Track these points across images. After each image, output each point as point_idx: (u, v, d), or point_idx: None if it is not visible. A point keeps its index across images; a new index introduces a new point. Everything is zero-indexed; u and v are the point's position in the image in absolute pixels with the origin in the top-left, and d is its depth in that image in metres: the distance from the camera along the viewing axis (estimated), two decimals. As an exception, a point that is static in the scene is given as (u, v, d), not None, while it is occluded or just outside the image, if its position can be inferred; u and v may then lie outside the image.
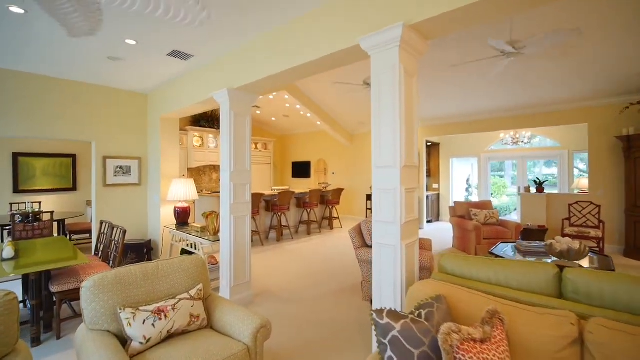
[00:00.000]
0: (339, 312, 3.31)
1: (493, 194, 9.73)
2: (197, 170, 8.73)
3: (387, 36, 1.98)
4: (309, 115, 8.08)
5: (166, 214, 4.97)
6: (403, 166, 1.99)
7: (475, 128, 7.38)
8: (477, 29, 3.88)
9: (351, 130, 9.45)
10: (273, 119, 9.69)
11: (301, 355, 2.54)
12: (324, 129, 9.06)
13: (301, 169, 10.89)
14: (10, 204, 6.02)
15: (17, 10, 2.62)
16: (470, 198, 9.73)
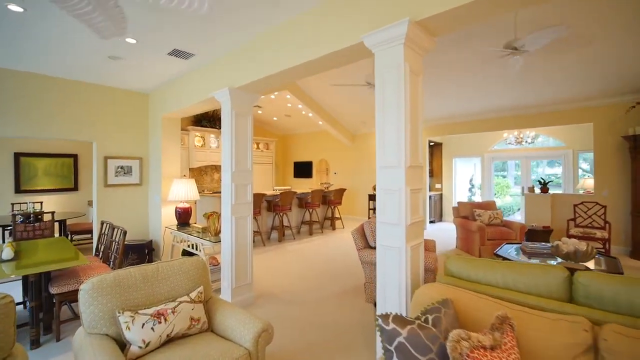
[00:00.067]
0: (342, 314, 3.26)
1: (496, 194, 9.65)
2: (198, 170, 8.70)
3: (392, 33, 1.93)
4: (310, 115, 8.04)
5: (167, 214, 4.93)
6: (408, 166, 1.94)
7: (479, 128, 7.31)
8: (481, 28, 3.83)
9: (353, 130, 9.39)
10: (275, 118, 9.65)
11: (303, 358, 2.50)
12: (325, 128, 9.02)
13: (303, 169, 10.84)
14: (12, 204, 6.00)
15: (15, 9, 2.59)
16: (473, 198, 9.66)
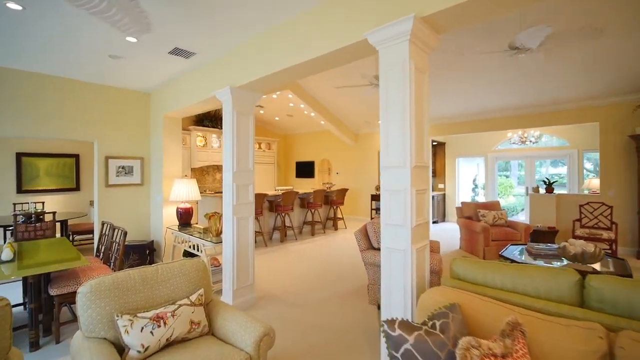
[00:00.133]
0: (345, 316, 3.21)
1: (499, 194, 9.57)
2: (200, 170, 8.68)
3: (397, 29, 1.88)
4: (312, 114, 7.99)
5: (168, 214, 4.90)
6: (414, 166, 1.89)
7: (483, 127, 7.25)
8: (485, 26, 3.78)
9: (355, 129, 9.34)
10: (277, 118, 9.61)
11: (306, 362, 2.45)
12: (328, 128, 8.96)
13: (305, 169, 10.79)
14: (14, 204, 5.99)
15: (14, 7, 2.56)
16: (477, 198, 9.58)
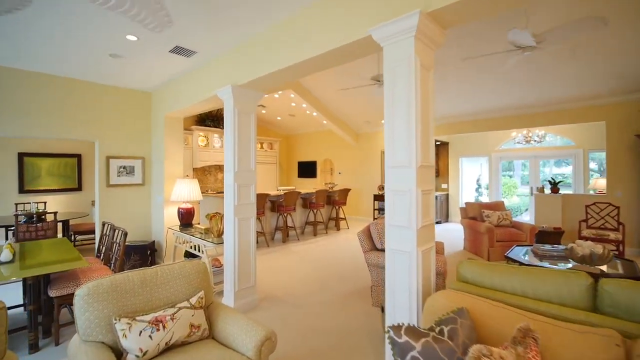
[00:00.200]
0: (347, 318, 3.16)
1: (503, 195, 9.48)
2: (202, 170, 8.65)
3: (402, 25, 1.83)
4: (315, 114, 7.95)
5: (170, 214, 4.86)
6: (419, 166, 1.83)
7: (486, 126, 7.17)
8: (489, 24, 3.71)
9: (357, 129, 9.28)
10: (278, 118, 9.57)
11: (308, 366, 2.40)
12: (330, 128, 8.91)
13: (307, 169, 10.74)
14: (16, 204, 5.98)
15: (13, 5, 2.53)
16: (480, 198, 9.49)
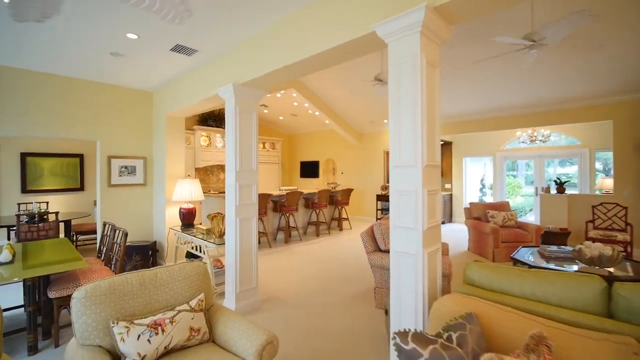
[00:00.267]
0: (351, 320, 3.11)
1: (507, 195, 9.38)
2: (204, 170, 8.63)
3: (408, 20, 1.78)
4: (317, 113, 7.90)
5: (171, 215, 4.83)
6: (425, 165, 1.78)
7: (491, 126, 7.08)
8: (494, 22, 3.64)
9: (360, 129, 9.22)
10: (281, 118, 9.53)
11: (311, 369, 2.36)
12: (332, 127, 8.86)
13: (309, 169, 10.70)
14: (18, 204, 5.98)
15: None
16: (484, 199, 9.40)
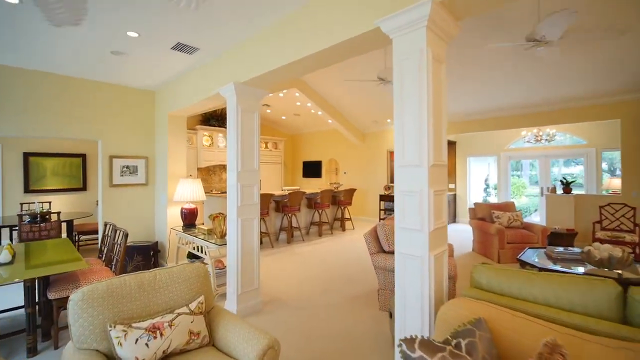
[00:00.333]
0: (353, 322, 3.06)
1: (512, 195, 9.28)
2: (207, 170, 8.61)
3: (413, 15, 1.72)
4: (320, 113, 7.85)
5: (173, 215, 4.80)
6: (431, 165, 1.72)
7: (495, 125, 7.00)
8: (498, 20, 3.57)
9: (363, 128, 9.16)
10: (283, 117, 9.49)
11: (313, 374, 2.31)
12: (335, 127, 8.80)
13: (312, 169, 10.65)
14: (21, 204, 5.98)
15: (10, 0, 2.46)
16: (489, 199, 9.31)
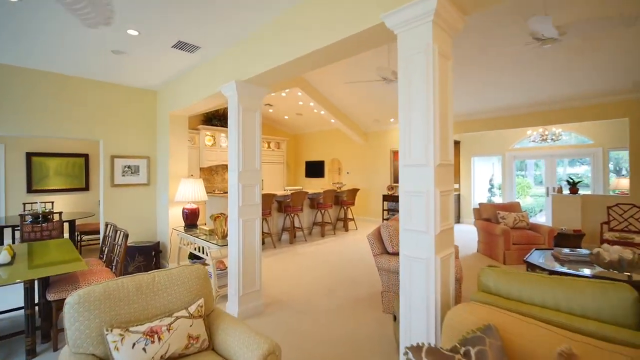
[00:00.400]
0: (357, 325, 3.00)
1: (517, 195, 9.17)
2: (209, 170, 8.59)
3: (419, 9, 1.66)
4: (322, 112, 7.79)
5: (175, 215, 4.77)
6: (438, 165, 1.66)
7: (500, 124, 6.91)
8: (502, 18, 3.50)
9: (365, 128, 9.10)
10: (286, 117, 9.45)
11: (315, 378, 2.25)
12: (338, 127, 8.75)
13: (315, 169, 10.60)
14: (24, 204, 5.98)
15: (11, -2, 2.44)
16: (493, 199, 9.21)
